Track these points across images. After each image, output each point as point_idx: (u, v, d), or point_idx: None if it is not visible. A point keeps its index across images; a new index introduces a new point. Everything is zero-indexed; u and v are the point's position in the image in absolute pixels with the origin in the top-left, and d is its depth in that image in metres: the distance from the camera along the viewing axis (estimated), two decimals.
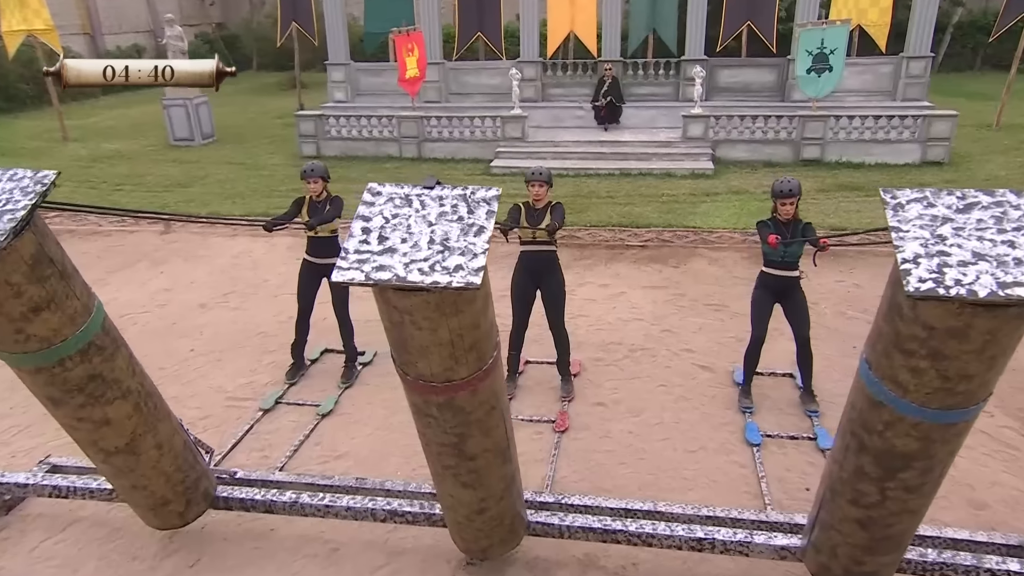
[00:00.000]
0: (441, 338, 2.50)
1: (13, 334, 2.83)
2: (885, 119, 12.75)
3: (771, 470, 4.52)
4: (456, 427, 2.84)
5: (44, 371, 2.99)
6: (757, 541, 3.54)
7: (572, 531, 3.73)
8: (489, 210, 2.46)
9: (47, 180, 2.74)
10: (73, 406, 3.14)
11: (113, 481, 3.57)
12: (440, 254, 2.33)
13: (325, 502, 3.95)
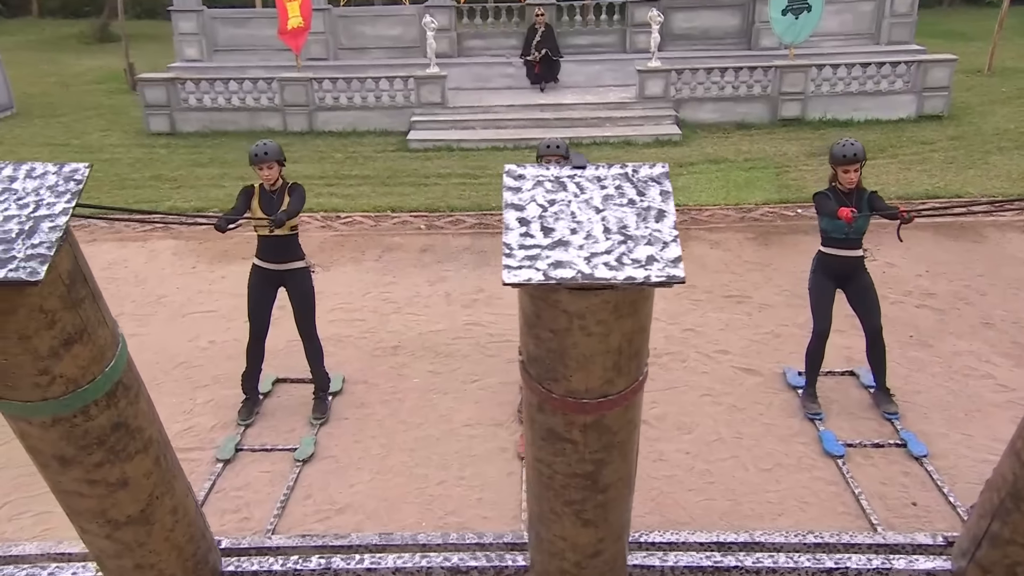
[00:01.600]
0: (610, 345, 2.62)
1: (35, 376, 2.72)
2: (875, 67, 13.74)
3: (865, 485, 4.89)
4: (597, 452, 2.96)
5: (62, 422, 2.88)
6: (898, 567, 3.85)
7: (677, 572, 3.93)
8: (663, 190, 2.60)
9: (80, 176, 2.67)
10: (87, 466, 3.03)
11: (110, 563, 3.45)
12: (623, 244, 2.45)
13: (365, 565, 3.97)
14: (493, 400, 5.95)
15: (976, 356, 6.30)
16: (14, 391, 2.74)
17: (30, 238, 2.49)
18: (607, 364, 2.66)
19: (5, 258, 2.45)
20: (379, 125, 14.17)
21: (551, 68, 15.07)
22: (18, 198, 2.60)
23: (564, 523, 3.26)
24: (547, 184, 2.62)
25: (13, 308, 2.55)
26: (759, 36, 15.71)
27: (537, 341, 2.69)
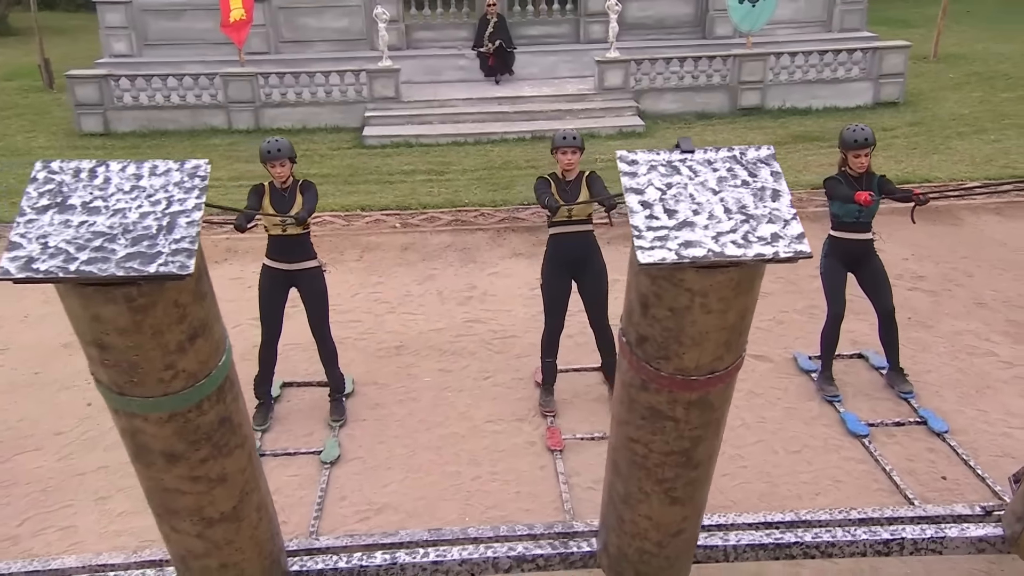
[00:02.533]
0: (726, 321, 2.84)
1: (161, 371, 2.81)
2: (831, 54, 14.32)
3: (894, 462, 5.21)
4: (696, 429, 3.18)
5: (177, 418, 2.97)
6: (951, 535, 4.17)
7: (740, 551, 4.17)
8: (773, 171, 2.83)
9: (203, 171, 2.78)
10: (193, 462, 3.13)
11: (195, 563, 3.53)
12: (746, 223, 2.67)
13: (431, 559, 4.11)
14: (510, 396, 6.12)
15: (975, 335, 6.73)
16: (138, 387, 2.84)
17: (170, 233, 2.60)
18: (720, 340, 2.88)
19: (151, 253, 2.55)
20: (330, 121, 14.18)
21: (505, 60, 15.25)
22: (148, 195, 2.70)
23: (652, 502, 3.46)
24: (660, 168, 2.82)
25: (153, 303, 2.65)
26: (713, 25, 16.20)
27: (652, 321, 2.89)
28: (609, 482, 3.69)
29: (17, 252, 2.56)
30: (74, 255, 2.56)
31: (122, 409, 2.99)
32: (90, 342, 2.78)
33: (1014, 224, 9.17)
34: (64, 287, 2.64)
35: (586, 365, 6.42)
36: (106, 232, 2.63)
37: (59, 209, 2.68)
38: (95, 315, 2.68)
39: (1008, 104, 14.29)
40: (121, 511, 5.04)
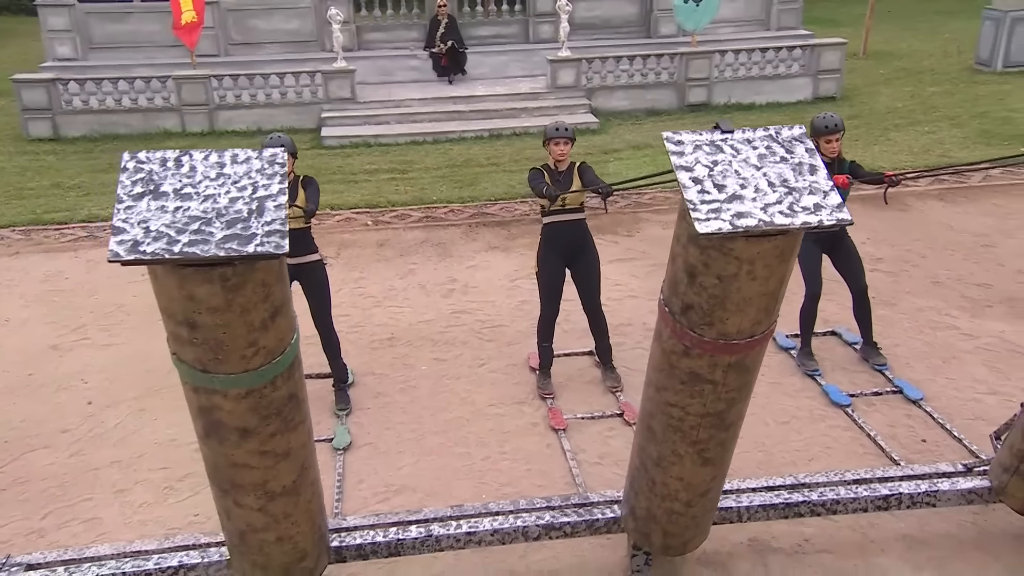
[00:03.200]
0: (769, 288, 3.10)
1: (244, 348, 2.96)
2: (772, 52, 14.85)
3: (877, 428, 5.57)
4: (732, 391, 3.45)
5: (254, 394, 3.13)
6: (943, 488, 4.52)
7: (752, 511, 4.45)
8: (807, 148, 3.10)
9: (280, 159, 2.94)
10: (263, 436, 3.29)
11: (253, 538, 3.66)
12: (789, 195, 2.94)
13: (464, 530, 4.31)
14: (508, 381, 6.34)
15: (936, 311, 7.17)
16: (222, 364, 2.99)
17: (261, 216, 2.77)
18: (761, 306, 3.15)
19: (247, 235, 2.72)
20: (286, 123, 14.18)
21: (458, 60, 15.44)
22: (234, 182, 2.86)
23: (685, 464, 3.72)
24: (705, 147, 3.08)
25: (243, 282, 2.81)
26: (658, 24, 16.62)
27: (699, 290, 3.15)
28: (641, 447, 3.93)
29: (122, 236, 2.70)
30: (176, 238, 2.71)
31: (203, 387, 3.14)
32: (181, 322, 2.92)
33: (956, 209, 9.70)
34: (162, 268, 2.79)
35: (576, 350, 6.66)
36: (201, 216, 2.78)
37: (153, 196, 2.82)
38: (190, 295, 2.83)
39: (936, 97, 14.98)
40: (142, 502, 5.12)
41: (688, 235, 3.08)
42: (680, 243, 3.18)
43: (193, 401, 3.26)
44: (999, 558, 4.48)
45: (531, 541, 4.39)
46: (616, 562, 4.52)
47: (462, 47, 15.50)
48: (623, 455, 5.38)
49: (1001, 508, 4.64)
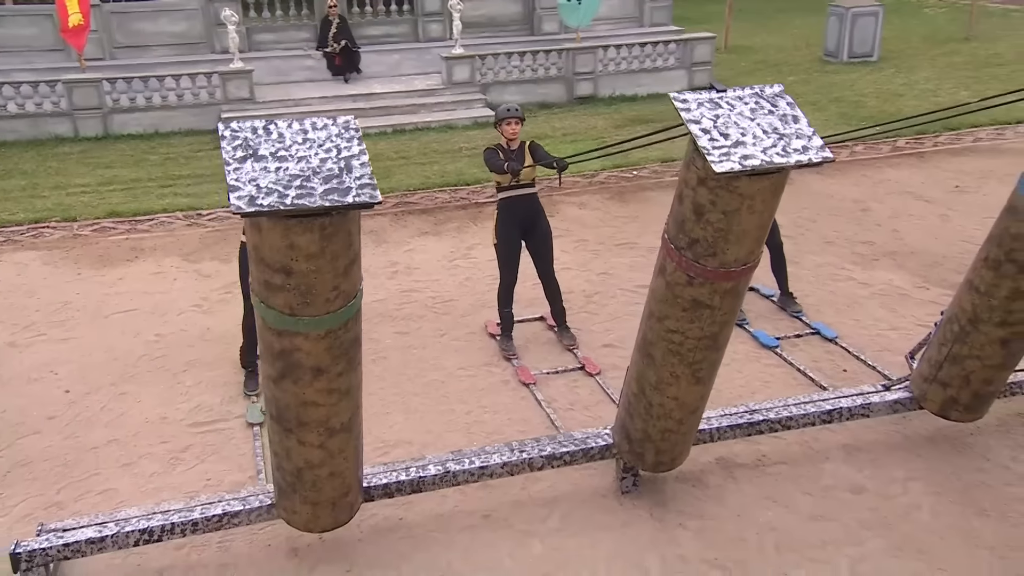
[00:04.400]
0: (763, 220, 3.71)
1: (328, 292, 3.35)
2: (651, 46, 15.79)
3: (804, 363, 6.34)
4: (725, 314, 4.04)
5: (331, 335, 3.51)
6: (875, 401, 5.30)
7: (721, 432, 5.10)
8: (788, 102, 3.72)
9: (353, 125, 3.36)
10: (332, 375, 3.67)
11: (308, 474, 4.02)
12: (781, 140, 3.54)
13: (477, 464, 4.77)
14: (471, 347, 6.80)
15: (833, 266, 8.07)
16: (308, 307, 3.38)
17: (351, 172, 3.18)
18: (755, 236, 3.77)
19: (343, 189, 3.13)
20: (184, 125, 14.11)
21: (352, 59, 15.69)
22: (319, 145, 3.27)
23: (680, 384, 4.32)
24: (706, 104, 3.67)
25: (336, 231, 3.21)
26: (541, 22, 17.33)
27: (705, 225, 3.74)
28: (640, 374, 4.48)
29: (239, 193, 3.07)
30: (284, 192, 3.09)
31: (287, 330, 3.50)
32: (278, 270, 3.29)
33: (831, 180, 10.73)
34: (268, 220, 3.15)
35: (527, 317, 7.17)
36: (300, 174, 3.17)
37: (254, 159, 3.19)
38: (291, 243, 3.21)
39: (796, 85, 16.23)
40: (152, 472, 5.32)
41: (698, 178, 3.64)
42: (689, 186, 3.73)
43: (274, 345, 3.60)
44: (920, 455, 5.27)
45: (535, 471, 4.90)
46: (606, 486, 5.07)
47: (355, 47, 15.75)
48: (591, 401, 5.98)
49: (918, 415, 5.45)
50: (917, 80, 16.03)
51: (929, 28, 21.45)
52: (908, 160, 11.61)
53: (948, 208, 9.61)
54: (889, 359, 6.29)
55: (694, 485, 5.08)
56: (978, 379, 4.91)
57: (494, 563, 4.52)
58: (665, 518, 4.81)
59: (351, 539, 4.69)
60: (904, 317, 7.00)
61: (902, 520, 4.73)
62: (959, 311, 4.83)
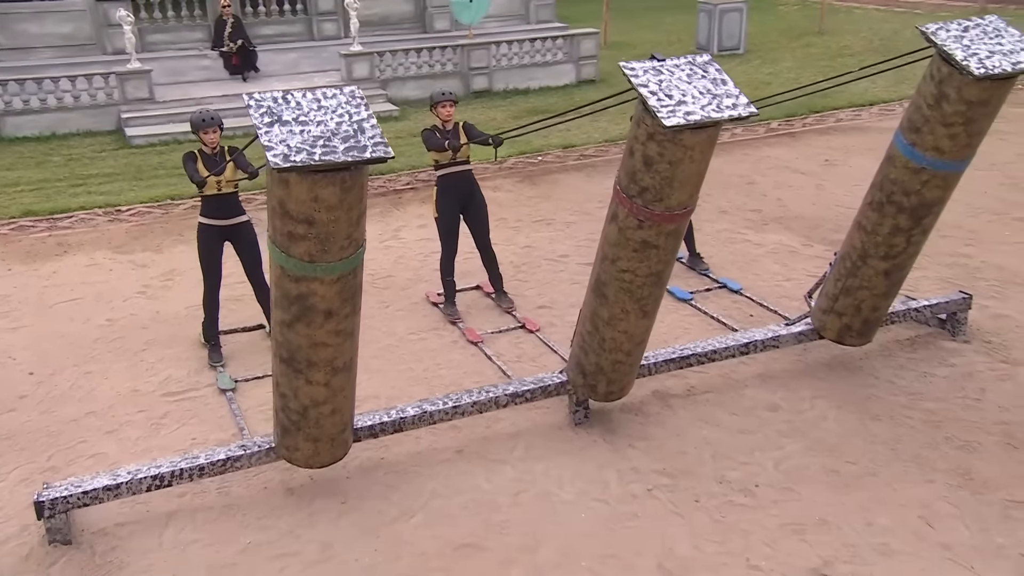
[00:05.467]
0: (701, 169, 4.38)
1: (343, 240, 3.83)
2: (540, 42, 16.54)
3: (716, 312, 7.12)
4: (668, 253, 4.71)
5: (343, 279, 3.99)
6: (782, 334, 6.09)
7: (658, 366, 5.79)
8: (716, 68, 4.40)
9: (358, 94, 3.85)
10: (341, 316, 4.14)
11: (313, 412, 4.45)
12: (715, 100, 4.22)
13: (450, 404, 5.29)
14: (416, 315, 7.30)
15: (730, 231, 8.93)
16: (325, 254, 3.86)
17: (364, 133, 3.69)
18: (695, 183, 4.46)
19: (360, 146, 3.64)
20: (82, 126, 13.99)
21: (249, 58, 15.81)
22: (332, 111, 3.77)
23: (630, 319, 4.97)
24: (651, 71, 4.33)
25: (353, 184, 3.75)
26: (433, 20, 17.82)
27: (653, 173, 4.39)
28: (592, 314, 5.11)
29: (274, 152, 3.54)
30: (311, 151, 3.57)
31: (305, 275, 3.96)
32: (301, 220, 3.76)
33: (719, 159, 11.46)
34: (296, 175, 3.62)
35: (464, 286, 7.69)
36: (322, 136, 3.65)
37: (280, 124, 3.66)
38: (315, 196, 3.68)
39: None
40: (137, 437, 5.62)
41: (647, 133, 4.28)
42: (639, 142, 4.36)
43: (291, 291, 4.05)
44: (822, 378, 6.10)
45: (500, 408, 5.46)
46: (560, 420, 5.68)
47: (251, 46, 15.88)
48: (535, 354, 6.59)
49: (817, 346, 6.29)
50: (781, 70, 17.30)
51: (785, 23, 23.00)
52: (782, 139, 12.70)
53: (821, 179, 10.65)
54: (787, 304, 7.13)
55: (636, 414, 5.74)
56: (867, 307, 5.75)
57: (473, 487, 5.06)
58: (616, 442, 5.45)
59: (340, 477, 5.14)
60: (795, 270, 7.88)
61: (812, 428, 5.52)
62: (850, 249, 5.66)
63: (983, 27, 4.83)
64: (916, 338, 6.54)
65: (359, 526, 4.75)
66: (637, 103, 4.33)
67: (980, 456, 5.13)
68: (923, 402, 5.73)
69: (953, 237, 8.33)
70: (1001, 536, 4.47)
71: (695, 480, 5.06)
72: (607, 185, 10.46)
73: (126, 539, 4.65)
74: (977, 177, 9.50)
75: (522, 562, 4.45)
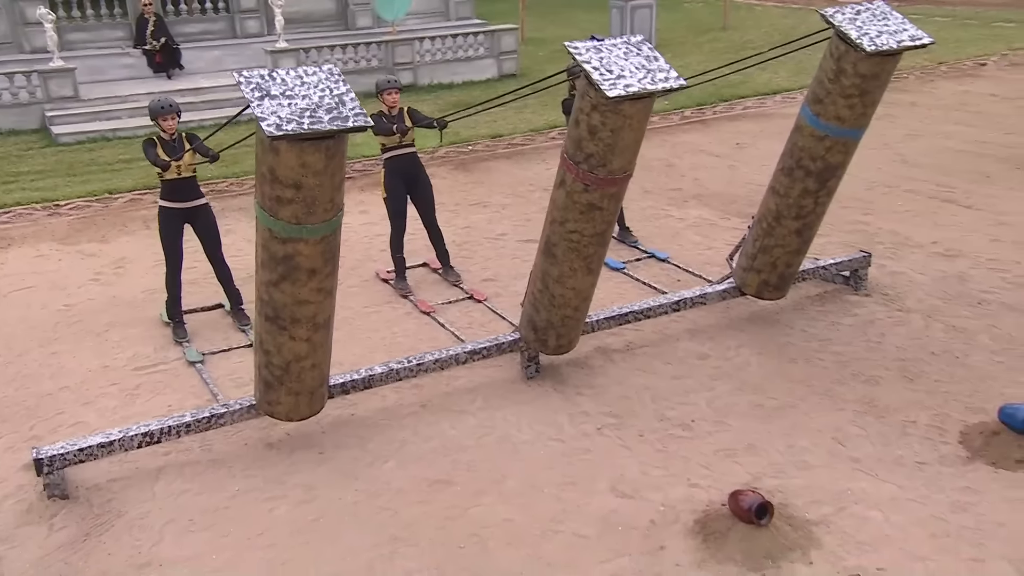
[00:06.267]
0: (638, 136, 4.93)
1: (326, 203, 4.25)
2: (462, 37, 17.02)
3: (647, 277, 7.73)
4: (611, 214, 5.25)
5: (326, 240, 4.40)
6: (709, 291, 6.73)
7: (600, 323, 6.35)
8: (649, 46, 4.95)
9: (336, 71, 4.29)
10: (323, 275, 4.55)
11: (295, 366, 4.85)
12: (649, 74, 4.77)
13: (415, 362, 5.75)
14: (369, 291, 7.72)
15: (654, 208, 9.59)
16: (311, 216, 4.31)
17: (345, 106, 4.14)
18: (633, 150, 5.03)
19: (343, 116, 4.08)
20: (5, 125, 13.95)
21: (173, 56, 15.88)
22: (314, 86, 4.21)
23: (578, 276, 5.52)
24: (592, 50, 4.87)
25: (337, 151, 4.17)
26: (355, 17, 18.14)
27: (597, 141, 4.94)
28: (542, 274, 5.62)
29: (267, 122, 3.96)
30: (300, 120, 4.00)
31: (292, 237, 4.37)
32: (289, 185, 4.18)
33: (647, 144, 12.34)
34: (287, 143, 4.03)
35: (412, 264, 8.13)
36: (308, 108, 4.08)
37: (269, 97, 4.07)
38: (303, 162, 4.11)
39: None
40: (114, 407, 5.91)
41: (591, 105, 4.80)
42: (584, 113, 4.88)
43: (278, 252, 4.45)
44: (744, 330, 6.75)
45: (460, 365, 5.94)
46: (513, 375, 6.19)
47: (175, 44, 15.95)
48: (485, 320, 7.09)
49: (738, 303, 6.96)
50: (690, 63, 18.08)
51: (691, 20, 23.96)
52: (695, 126, 13.47)
53: (734, 161, 11.41)
54: (710, 270, 7.78)
55: (582, 367, 6.29)
56: (782, 263, 6.42)
57: (439, 433, 5.53)
58: (565, 391, 5.99)
59: (315, 432, 5.55)
60: (715, 240, 8.56)
61: (738, 372, 6.16)
62: (766, 211, 6.32)
63: (872, 11, 5.54)
64: (824, 293, 7.26)
65: (338, 471, 5.17)
66: (581, 80, 4.85)
67: (881, 387, 5.83)
68: (832, 346, 6.42)
69: (853, 207, 9.12)
70: (900, 449, 5.16)
71: (638, 419, 5.63)
72: (536, 170, 11.15)
73: (120, 492, 4.98)
74: (872, 155, 10.40)
75: (491, 491, 4.95)
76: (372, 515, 4.78)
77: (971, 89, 14.46)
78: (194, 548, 4.55)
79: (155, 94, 14.76)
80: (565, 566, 4.36)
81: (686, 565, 4.32)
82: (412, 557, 4.45)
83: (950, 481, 4.84)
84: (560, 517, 4.71)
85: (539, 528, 4.63)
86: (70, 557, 4.48)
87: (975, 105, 13.30)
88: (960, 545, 4.34)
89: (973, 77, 15.38)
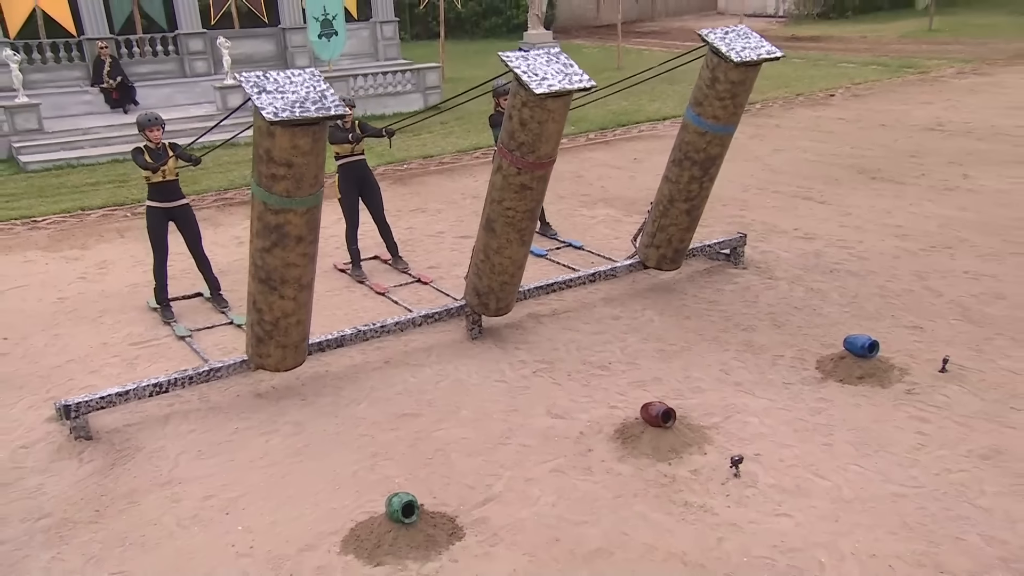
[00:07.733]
0: (560, 128, 5.60)
1: (312, 179, 4.76)
2: (391, 75, 17.59)
3: (566, 261, 8.40)
4: (539, 194, 5.90)
5: (311, 211, 4.91)
6: (619, 266, 7.43)
7: (531, 293, 6.97)
8: (564, 56, 5.63)
9: (317, 72, 4.82)
10: (308, 242, 5.05)
11: (283, 322, 5.32)
12: (566, 76, 5.44)
13: (379, 326, 6.26)
14: (328, 280, 8.17)
15: (569, 208, 10.31)
16: (299, 191, 4.83)
17: (327, 99, 4.69)
18: (556, 139, 5.72)
19: (327, 106, 4.63)
20: None
21: (128, 93, 16.05)
22: (300, 83, 4.81)
23: (513, 247, 6.15)
24: (521, 58, 5.53)
25: (320, 136, 4.79)
26: (294, 58, 18.54)
27: (527, 131, 5.60)
28: (484, 246, 6.22)
29: (267, 111, 4.47)
30: (293, 110, 4.53)
31: (284, 208, 4.87)
32: (283, 163, 4.70)
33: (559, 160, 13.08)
34: (282, 128, 4.55)
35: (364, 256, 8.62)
36: (297, 100, 4.63)
37: (265, 92, 4.59)
38: (295, 144, 4.63)
39: None
40: (118, 373, 6.25)
41: (522, 102, 5.45)
42: (516, 108, 5.53)
43: (271, 222, 4.94)
44: (647, 297, 7.47)
45: (416, 328, 6.48)
46: (460, 337, 6.76)
47: (129, 82, 16.10)
48: (432, 298, 7.65)
49: (643, 276, 7.68)
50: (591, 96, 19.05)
51: (590, 62, 24.95)
52: (599, 146, 14.31)
53: (632, 172, 12.25)
54: (617, 254, 8.50)
55: (518, 328, 6.91)
56: (676, 239, 7.18)
57: (402, 381, 6.06)
58: (505, 346, 6.59)
59: (296, 384, 6.02)
60: (620, 232, 9.31)
61: (645, 327, 6.86)
62: (661, 197, 7.06)
63: (736, 32, 6.36)
64: (710, 268, 8.05)
65: (320, 412, 5.65)
66: (513, 80, 5.49)
67: (756, 333, 6.61)
68: (718, 306, 7.19)
69: (731, 205, 10.01)
70: (771, 375, 5.92)
71: (566, 364, 6.26)
72: (465, 183, 11.80)
73: (135, 433, 5.36)
74: (746, 166, 11.39)
75: (450, 419, 5.50)
76: (353, 440, 5.28)
77: (823, 114, 15.70)
78: (206, 470, 4.97)
79: (114, 126, 15.02)
80: (514, 466, 4.94)
81: (610, 460, 4.95)
82: (390, 467, 4.97)
83: (809, 394, 5.61)
84: (507, 434, 5.29)
85: (492, 442, 5.20)
86: (101, 480, 4.85)
87: (826, 126, 14.50)
88: (815, 436, 5.10)
89: (824, 105, 16.68)
